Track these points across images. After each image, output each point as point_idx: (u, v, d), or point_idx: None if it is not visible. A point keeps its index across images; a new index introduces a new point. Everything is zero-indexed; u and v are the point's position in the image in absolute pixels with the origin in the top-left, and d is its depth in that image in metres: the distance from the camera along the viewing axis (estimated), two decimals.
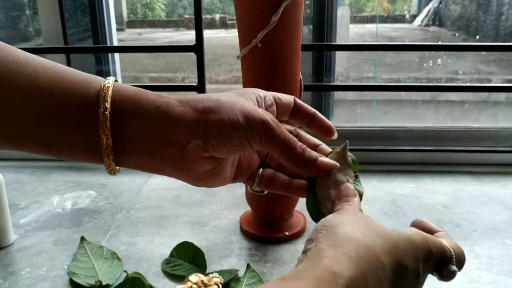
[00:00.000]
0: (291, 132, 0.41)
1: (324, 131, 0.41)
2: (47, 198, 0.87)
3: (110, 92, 0.33)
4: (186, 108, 0.34)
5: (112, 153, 0.33)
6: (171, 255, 0.66)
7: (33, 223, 0.77)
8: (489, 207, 0.80)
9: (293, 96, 0.41)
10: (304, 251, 0.31)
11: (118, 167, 0.36)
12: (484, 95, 1.46)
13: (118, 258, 0.65)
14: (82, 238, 0.69)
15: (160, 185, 0.92)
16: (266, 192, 0.43)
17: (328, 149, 0.42)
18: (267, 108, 0.39)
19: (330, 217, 0.34)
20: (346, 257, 0.29)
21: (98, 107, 0.32)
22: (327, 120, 0.41)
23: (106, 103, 0.32)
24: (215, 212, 0.80)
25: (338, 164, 0.39)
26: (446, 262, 0.35)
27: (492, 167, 0.98)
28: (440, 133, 1.03)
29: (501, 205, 0.81)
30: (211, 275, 0.56)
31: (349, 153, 0.40)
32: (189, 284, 0.54)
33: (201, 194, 0.87)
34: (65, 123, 0.33)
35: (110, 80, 0.34)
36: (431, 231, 0.39)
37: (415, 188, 0.89)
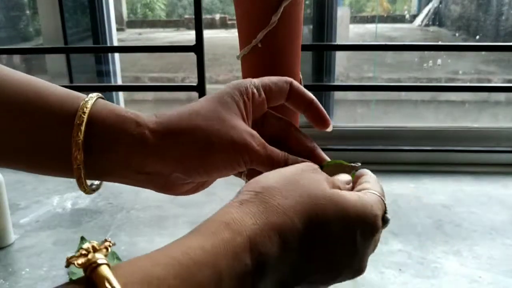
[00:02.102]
0: (284, 130, 0.39)
1: (318, 121, 0.39)
2: (47, 198, 0.87)
3: (85, 121, 0.31)
4: (166, 142, 0.33)
5: (85, 181, 0.33)
6: None
7: (33, 223, 0.77)
8: (489, 207, 0.80)
9: (290, 79, 0.38)
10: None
11: (94, 187, 0.36)
12: (484, 95, 1.46)
13: (118, 258, 0.65)
14: (82, 238, 0.69)
15: None
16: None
17: (323, 154, 0.39)
18: (257, 104, 0.37)
19: (270, 172, 0.32)
20: (247, 215, 0.28)
21: (72, 135, 0.31)
22: (323, 110, 0.39)
23: (80, 133, 0.31)
24: (215, 211, 0.80)
25: (325, 157, 0.38)
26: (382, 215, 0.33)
27: (492, 167, 0.98)
28: (440, 133, 1.03)
29: (501, 205, 0.81)
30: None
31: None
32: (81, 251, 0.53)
33: (201, 194, 0.87)
34: (41, 145, 0.32)
35: (89, 103, 0.32)
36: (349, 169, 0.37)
37: (415, 188, 0.89)
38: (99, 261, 0.23)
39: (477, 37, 1.83)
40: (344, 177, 0.36)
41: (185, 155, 0.33)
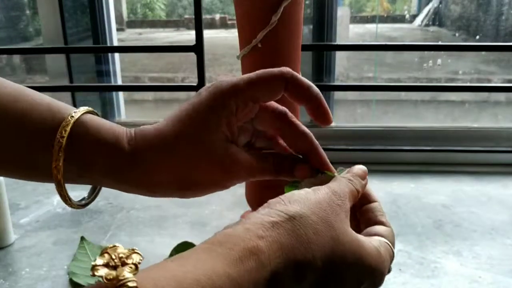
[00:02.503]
0: (281, 114, 0.37)
1: (319, 116, 0.37)
2: (47, 198, 0.87)
3: (63, 145, 0.32)
4: (141, 152, 0.34)
5: (68, 197, 0.35)
6: (171, 255, 0.66)
7: (33, 223, 0.77)
8: (489, 207, 0.80)
9: (286, 72, 0.36)
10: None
11: (84, 203, 0.38)
12: (484, 95, 1.46)
13: None
14: (82, 238, 0.69)
15: None
16: None
17: (323, 157, 0.38)
18: (244, 114, 0.35)
19: (300, 192, 0.31)
20: (277, 245, 0.27)
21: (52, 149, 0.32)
22: (325, 104, 0.37)
23: (60, 153, 0.32)
24: (215, 212, 0.80)
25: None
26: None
27: (492, 167, 0.98)
28: (440, 133, 1.03)
29: (501, 205, 0.81)
30: (131, 250, 0.55)
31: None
32: (109, 260, 0.53)
33: None
34: (23, 157, 0.33)
35: (68, 127, 0.33)
36: (367, 199, 0.37)
37: (415, 188, 0.89)
38: (130, 284, 0.22)
39: (477, 37, 1.83)
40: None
41: (176, 182, 0.35)
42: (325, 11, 1.00)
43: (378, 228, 0.35)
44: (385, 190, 0.88)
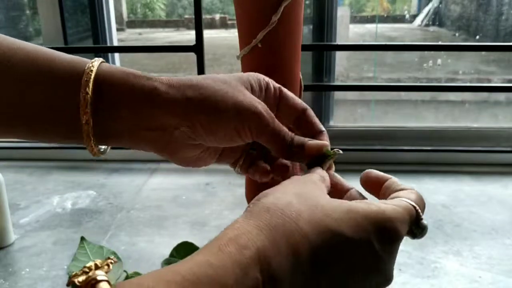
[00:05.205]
0: (300, 111, 0.38)
1: (313, 134, 0.38)
2: (47, 198, 0.87)
3: (92, 77, 0.32)
4: (175, 94, 0.33)
5: (93, 139, 0.33)
6: (171, 255, 0.66)
7: (33, 223, 0.77)
8: (489, 207, 0.80)
9: (277, 86, 0.38)
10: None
11: (102, 150, 0.35)
12: (484, 95, 1.46)
13: (118, 258, 0.65)
14: (82, 238, 0.69)
15: (160, 185, 0.92)
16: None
17: (313, 117, 0.38)
18: (267, 96, 0.37)
19: (269, 189, 0.31)
20: (255, 228, 0.26)
21: (79, 94, 0.32)
22: (317, 121, 0.38)
23: (87, 88, 0.32)
24: (215, 212, 0.80)
25: (327, 143, 0.37)
26: (415, 222, 0.32)
27: (492, 167, 0.98)
28: (440, 133, 1.03)
29: (501, 205, 0.81)
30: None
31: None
32: (83, 269, 0.54)
33: (201, 194, 0.87)
34: (50, 108, 0.32)
35: (95, 63, 0.33)
36: (381, 181, 0.36)
37: (415, 188, 0.88)
38: (99, 278, 0.23)
39: (477, 37, 1.83)
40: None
41: (192, 108, 0.33)
42: (325, 11, 1.00)
43: (394, 194, 0.34)
44: None
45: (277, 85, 0.38)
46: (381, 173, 0.36)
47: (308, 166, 0.36)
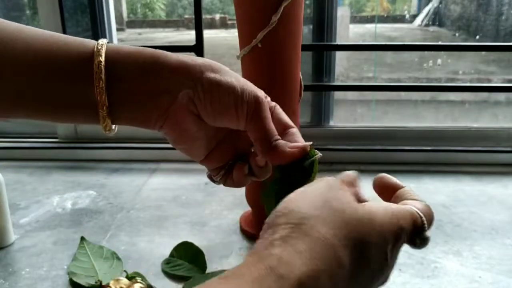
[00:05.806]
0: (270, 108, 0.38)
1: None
2: (47, 198, 0.87)
3: (104, 48, 0.34)
4: (184, 60, 0.35)
5: (107, 106, 0.34)
6: (171, 255, 0.66)
7: (33, 223, 0.77)
8: (489, 207, 0.80)
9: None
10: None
11: (113, 126, 0.36)
12: (484, 95, 1.46)
13: (118, 258, 0.65)
14: (82, 238, 0.69)
15: (160, 185, 0.92)
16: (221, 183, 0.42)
17: (298, 136, 0.38)
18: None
19: (291, 196, 0.30)
20: (296, 255, 0.26)
21: (93, 62, 0.33)
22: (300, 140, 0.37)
23: (100, 57, 0.33)
24: (215, 212, 0.80)
25: (310, 142, 0.36)
26: (418, 231, 0.32)
27: (492, 167, 0.98)
28: (440, 133, 1.03)
29: (501, 205, 0.81)
30: (133, 280, 0.56)
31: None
32: None
33: (201, 194, 0.87)
34: (61, 79, 0.34)
35: (104, 40, 0.35)
36: (395, 188, 0.36)
37: (415, 188, 0.88)
38: None
39: (477, 37, 1.83)
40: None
41: (197, 68, 0.35)
42: (325, 11, 1.00)
43: (404, 201, 0.35)
44: None
45: (273, 103, 0.38)
46: (396, 180, 0.37)
47: (284, 168, 0.36)
